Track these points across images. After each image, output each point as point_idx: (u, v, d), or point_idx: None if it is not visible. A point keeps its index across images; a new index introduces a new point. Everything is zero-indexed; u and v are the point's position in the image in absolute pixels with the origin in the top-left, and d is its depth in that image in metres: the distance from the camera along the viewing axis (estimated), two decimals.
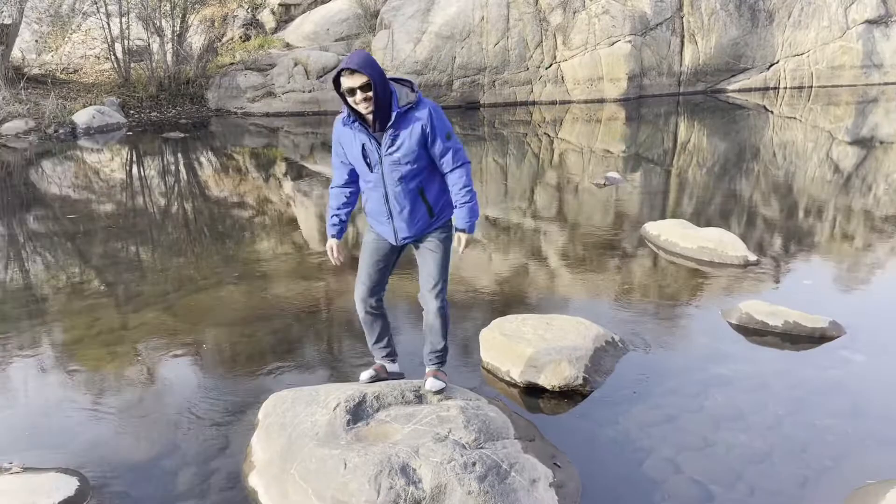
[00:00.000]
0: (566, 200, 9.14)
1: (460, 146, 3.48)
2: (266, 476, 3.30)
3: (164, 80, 16.10)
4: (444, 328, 3.72)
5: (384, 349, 3.94)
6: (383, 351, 3.94)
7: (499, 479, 3.01)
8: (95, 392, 4.40)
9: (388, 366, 3.97)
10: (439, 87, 16.78)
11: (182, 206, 9.59)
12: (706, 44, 18.17)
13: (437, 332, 3.71)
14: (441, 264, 3.60)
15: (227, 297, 5.91)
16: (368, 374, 3.88)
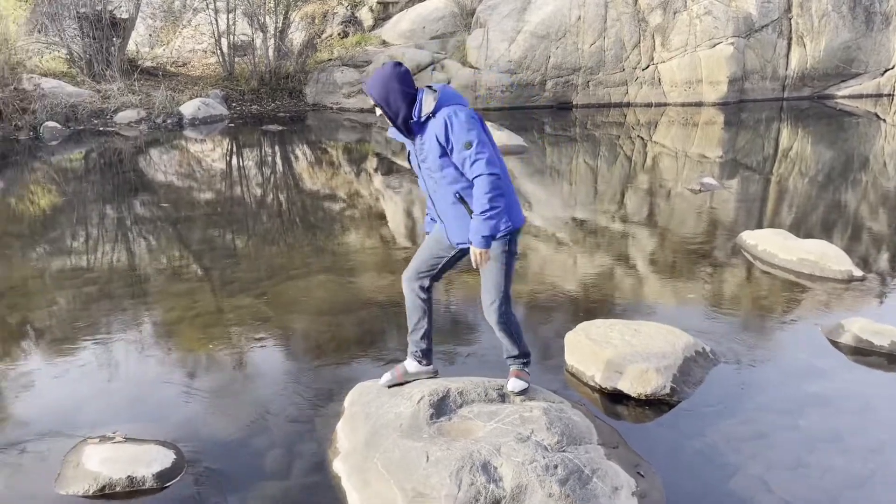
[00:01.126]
0: (658, 205, 8.92)
1: (481, 156, 3.27)
2: (349, 463, 3.37)
3: (265, 74, 16.67)
4: (513, 337, 3.69)
5: (417, 343, 3.83)
6: (416, 346, 3.84)
7: (580, 484, 2.98)
8: (191, 371, 4.62)
9: (412, 366, 3.87)
10: (532, 86, 16.67)
11: (277, 197, 9.92)
12: (815, 47, 17.32)
13: (507, 341, 3.70)
14: (494, 279, 3.52)
15: (316, 286, 6.07)
16: (386, 378, 3.87)
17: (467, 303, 5.73)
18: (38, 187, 9.99)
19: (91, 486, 3.29)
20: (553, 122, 15.48)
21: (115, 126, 13.90)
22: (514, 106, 16.57)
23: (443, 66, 16.78)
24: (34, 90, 13.43)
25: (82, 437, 3.69)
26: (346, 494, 3.27)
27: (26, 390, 4.33)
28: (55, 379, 4.48)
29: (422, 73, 16.60)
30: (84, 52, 15.33)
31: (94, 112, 14.05)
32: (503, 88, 16.43)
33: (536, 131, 14.50)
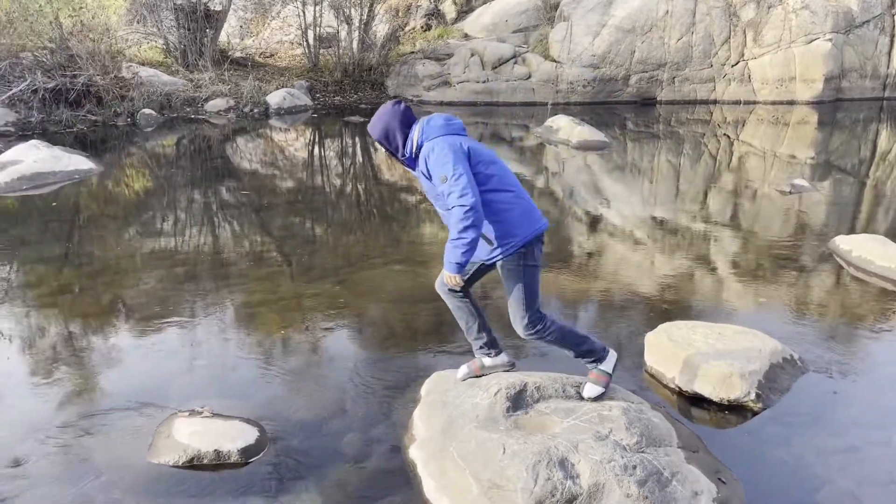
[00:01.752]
0: (743, 206, 8.63)
1: (454, 188, 3.28)
2: (425, 451, 3.41)
3: (348, 66, 16.97)
4: (565, 343, 3.63)
5: (477, 339, 3.82)
6: (477, 342, 3.83)
7: (659, 486, 2.93)
8: (273, 353, 4.76)
9: (486, 360, 3.86)
10: (615, 81, 16.38)
11: (355, 187, 10.09)
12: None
13: (562, 348, 3.65)
14: (517, 296, 3.50)
15: (393, 276, 6.15)
16: (463, 371, 3.89)
17: (546, 297, 5.69)
18: (134, 171, 10.48)
19: (181, 457, 3.45)
20: (636, 119, 15.17)
21: (205, 114, 14.43)
22: (596, 101, 16.33)
23: (524, 59, 16.68)
24: (132, 78, 14.07)
25: (173, 411, 3.86)
26: (421, 481, 3.31)
27: (121, 364, 4.56)
28: (147, 354, 4.70)
29: (503, 67, 16.56)
30: (179, 43, 15.96)
31: (187, 100, 14.62)
32: (585, 83, 16.21)
33: (618, 127, 14.25)
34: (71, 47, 13.20)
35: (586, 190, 9.39)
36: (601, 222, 7.89)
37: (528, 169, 10.85)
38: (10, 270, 6.23)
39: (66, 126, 12.72)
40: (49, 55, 13.26)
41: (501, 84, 16.37)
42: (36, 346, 4.77)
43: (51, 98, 12.91)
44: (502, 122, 14.96)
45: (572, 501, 2.86)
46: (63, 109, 12.94)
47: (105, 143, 12.20)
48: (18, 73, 12.81)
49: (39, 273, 6.12)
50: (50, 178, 9.11)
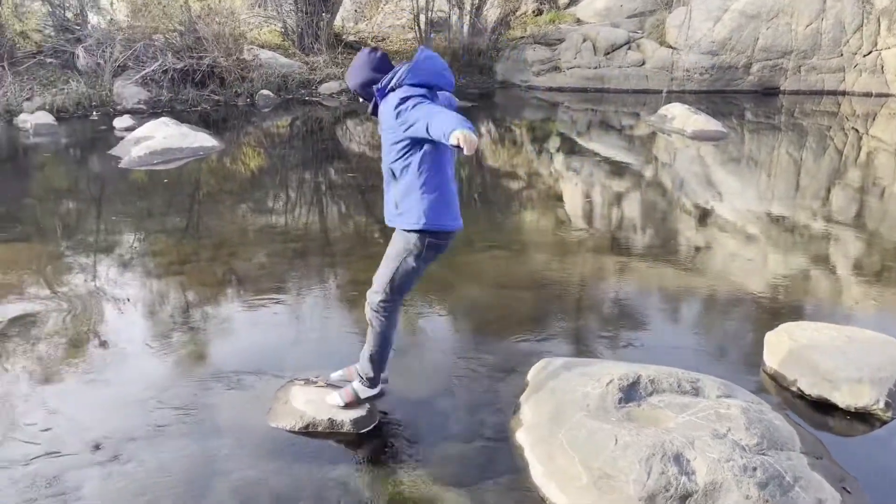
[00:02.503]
0: (870, 205, 8.09)
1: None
2: (533, 436, 3.41)
3: (458, 50, 17.01)
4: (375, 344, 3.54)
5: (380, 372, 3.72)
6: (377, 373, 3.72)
7: (781, 491, 2.81)
8: None
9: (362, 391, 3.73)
10: (735, 69, 15.67)
11: (458, 172, 10.13)
12: None
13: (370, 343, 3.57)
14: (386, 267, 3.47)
15: (497, 261, 6.15)
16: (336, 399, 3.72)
17: (641, 292, 5.57)
18: (251, 150, 10.93)
19: (297, 423, 3.59)
20: (756, 109, 14.49)
21: (318, 96, 14.86)
22: (713, 90, 15.69)
23: (639, 45, 16.22)
24: (253, 60, 14.65)
25: (289, 378, 4.03)
26: (528, 465, 3.32)
27: (238, 331, 4.80)
28: (262, 324, 4.91)
29: (615, 53, 16.16)
30: (297, 26, 16.47)
31: (302, 82, 15.08)
32: (703, 70, 15.60)
33: (736, 117, 13.65)
34: (198, 30, 13.87)
35: (698, 182, 9.06)
36: (712, 216, 7.60)
37: (638, 158, 10.56)
38: (135, 240, 6.64)
39: (191, 105, 13.41)
40: (178, 37, 13.98)
41: (613, 70, 15.99)
42: (159, 312, 5.08)
43: (179, 78, 13.62)
44: (612, 109, 14.62)
45: (686, 498, 2.79)
46: (189, 89, 13.63)
47: (226, 122, 12.78)
48: (151, 54, 13.58)
49: (163, 244, 6.50)
50: (177, 154, 9.64)
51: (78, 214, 7.55)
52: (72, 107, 12.48)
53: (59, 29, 14.05)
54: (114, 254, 6.23)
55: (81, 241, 6.56)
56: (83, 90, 12.75)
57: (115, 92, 13.07)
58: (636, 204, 8.12)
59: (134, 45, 13.50)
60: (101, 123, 11.97)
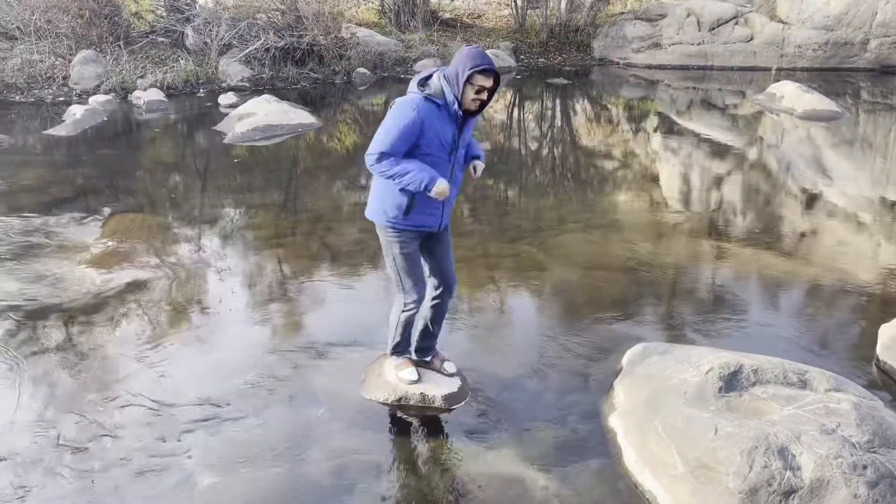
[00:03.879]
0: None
1: None
2: (627, 421, 3.35)
3: (555, 27, 16.72)
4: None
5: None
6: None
7: (892, 491, 2.65)
8: (474, 308, 4.88)
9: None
10: (851, 45, 14.70)
11: (552, 151, 9.98)
12: None
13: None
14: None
15: (590, 242, 6.04)
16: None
17: (742, 278, 5.33)
18: (347, 128, 11.13)
19: (391, 395, 3.66)
20: (872, 88, 13.56)
21: (414, 74, 14.92)
22: (827, 67, 14.80)
23: (746, 20, 15.45)
24: (350, 38, 14.88)
25: (382, 351, 4.10)
26: (621, 450, 3.26)
27: (333, 304, 4.91)
28: (356, 298, 5.02)
29: (721, 28, 15.47)
30: (393, 4, 16.58)
31: (398, 60, 15.21)
32: (816, 47, 14.72)
33: (851, 97, 12.83)
34: (299, 9, 14.18)
35: (807, 164, 8.59)
36: (821, 200, 7.19)
37: (741, 139, 10.09)
38: (237, 214, 6.89)
39: (291, 83, 13.76)
40: (280, 16, 14.34)
41: (718, 46, 15.31)
42: (258, 283, 5.26)
43: (280, 56, 14.00)
44: (716, 87, 14.03)
45: (791, 494, 2.67)
46: (289, 67, 13.99)
47: (324, 99, 13.05)
48: (254, 34, 14.00)
49: (262, 217, 6.72)
50: (278, 131, 9.93)
51: (185, 187, 7.91)
52: (180, 84, 13.05)
53: (169, 9, 14.68)
54: (217, 226, 6.49)
55: (188, 213, 6.87)
56: (191, 68, 13.30)
57: (221, 70, 13.57)
58: (738, 187, 7.78)
59: (238, 24, 13.95)
60: (207, 100, 12.47)
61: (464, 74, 3.22)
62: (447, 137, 3.36)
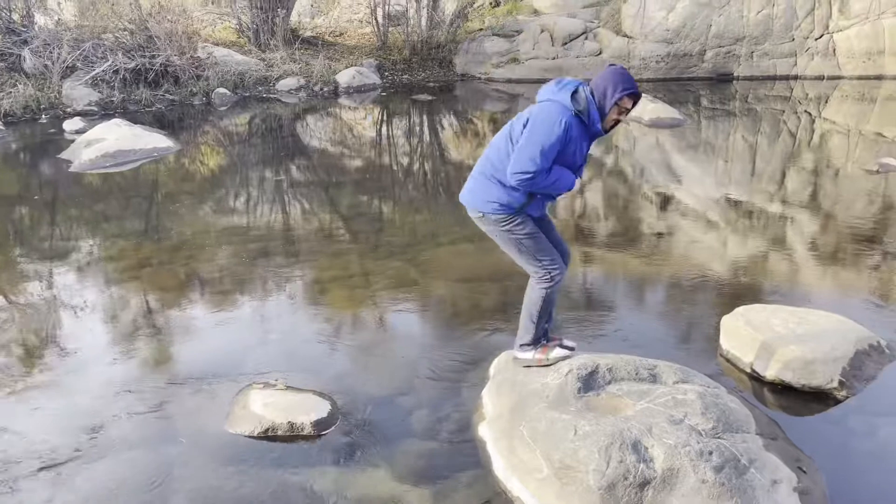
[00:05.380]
0: (825, 186, 8.25)
1: None
2: (495, 429, 3.41)
3: (417, 44, 16.94)
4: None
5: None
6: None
7: (736, 473, 2.85)
8: (344, 328, 4.83)
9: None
10: (690, 56, 15.85)
11: (423, 166, 10.10)
12: None
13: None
14: None
15: (462, 255, 6.14)
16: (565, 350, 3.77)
17: (606, 279, 5.61)
18: (209, 149, 10.76)
19: (256, 428, 3.55)
20: (711, 95, 14.67)
21: (276, 93, 14.67)
22: (670, 77, 15.85)
23: (595, 35, 16.31)
24: (207, 58, 14.42)
25: (248, 382, 3.97)
26: (490, 459, 3.32)
27: (197, 336, 4.71)
28: (222, 327, 4.84)
29: (573, 43, 16.24)
30: (252, 23, 16.23)
31: (259, 80, 14.89)
32: (658, 59, 15.75)
33: (692, 104, 13.81)
34: (150, 28, 13.59)
35: (657, 169, 9.15)
36: (672, 202, 7.68)
37: (598, 147, 10.63)
38: (93, 245, 6.49)
39: (145, 105, 13.15)
40: (129, 36, 13.69)
41: (572, 60, 16.07)
42: (118, 318, 4.97)
43: (131, 78, 13.34)
44: None
45: (645, 485, 2.82)
46: (142, 89, 13.36)
47: (182, 121, 12.56)
48: (101, 54, 13.27)
49: (120, 247, 6.36)
50: (132, 156, 9.44)
51: (31, 221, 7.35)
52: (19, 110, 12.16)
53: (4, 31, 13.65)
54: (69, 260, 6.08)
55: (35, 247, 6.40)
56: (31, 93, 12.43)
57: (65, 94, 12.76)
58: (598, 193, 8.17)
59: (82, 45, 13.17)
60: (51, 126, 11.67)
61: (615, 96, 3.22)
62: (582, 153, 3.39)
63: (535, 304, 3.59)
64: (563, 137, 3.23)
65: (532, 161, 3.22)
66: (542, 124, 3.24)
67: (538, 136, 3.22)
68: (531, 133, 3.24)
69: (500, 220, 3.43)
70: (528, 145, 3.23)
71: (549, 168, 3.26)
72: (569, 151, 3.30)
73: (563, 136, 3.22)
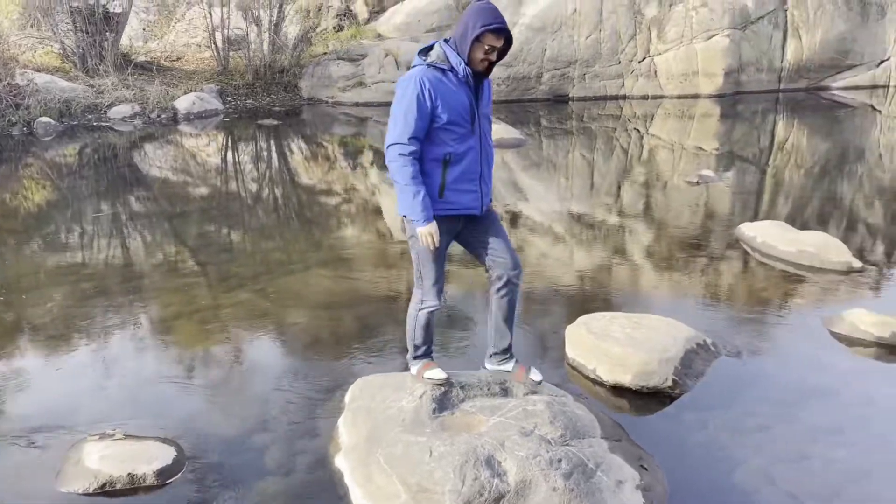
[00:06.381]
0: (654, 198, 8.90)
1: None
2: (352, 459, 3.35)
3: (259, 68, 16.57)
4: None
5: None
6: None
7: (584, 478, 2.97)
8: (191, 367, 4.59)
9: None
10: (528, 79, 16.62)
11: (273, 192, 9.87)
12: (811, 39, 17.29)
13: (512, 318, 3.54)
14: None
15: (315, 281, 6.04)
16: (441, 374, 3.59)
17: (465, 297, 5.72)
18: (33, 183, 9.93)
19: (92, 484, 3.27)
20: (549, 115, 15.44)
21: (109, 121, 13.81)
22: (511, 99, 16.52)
23: None
24: (27, 85, 13.33)
25: (82, 435, 3.66)
26: (348, 490, 3.25)
27: (25, 387, 4.30)
28: (54, 376, 4.45)
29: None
30: (77, 47, 15.22)
31: (88, 107, 13.96)
32: (500, 81, 16.39)
33: (533, 124, 14.47)
34: None
35: (504, 187, 9.48)
36: (520, 218, 7.98)
37: None
38: None
39: None
40: None
41: None
42: None
43: None
44: None
45: (500, 500, 2.87)
46: None
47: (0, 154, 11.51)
48: None
49: None
50: None
51: None
52: None
53: None
54: None
55: None
56: None
57: None
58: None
59: None
60: None
61: (474, 32, 2.96)
62: (464, 103, 3.08)
63: (411, 320, 3.48)
64: (418, 97, 2.99)
65: (393, 134, 3.04)
66: (398, 95, 3.06)
67: (394, 108, 3.06)
68: (392, 107, 3.08)
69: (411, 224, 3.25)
70: (390, 119, 3.07)
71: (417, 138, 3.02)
72: (442, 107, 3.03)
73: (418, 95, 2.99)
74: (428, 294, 3.35)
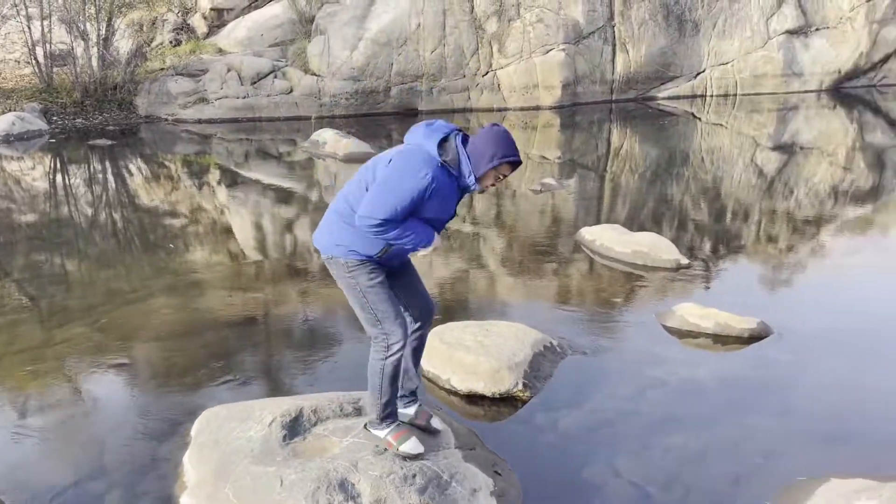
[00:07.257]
0: (503, 206, 9.20)
1: None
2: (199, 496, 3.18)
3: (89, 85, 15.51)
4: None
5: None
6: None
7: (439, 491, 2.98)
8: (16, 413, 4.19)
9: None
10: (377, 93, 16.69)
11: (110, 216, 9.26)
12: (636, 52, 18.61)
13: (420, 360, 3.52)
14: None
15: (157, 310, 5.71)
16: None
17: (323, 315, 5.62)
18: None
19: None
20: (400, 129, 15.55)
21: None
22: (360, 113, 16.52)
23: (284, 73, 16.40)
24: None
25: None
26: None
27: None
28: None
29: (263, 82, 16.16)
30: None
31: None
32: (348, 96, 16.34)
33: (384, 138, 14.53)
34: None
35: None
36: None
37: (300, 184, 10.69)
38: None
39: None
40: None
41: (262, 99, 15.96)
42: None
43: None
44: (268, 137, 14.59)
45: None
46: None
47: None
48: None
49: None
50: None
51: None
52: None
53: None
54: None
55: None
56: None
57: None
58: (306, 229, 8.15)
59: None
60: None
61: (495, 160, 2.93)
62: (450, 211, 3.08)
63: (375, 376, 3.16)
64: (423, 190, 2.89)
65: (384, 208, 2.88)
66: (403, 171, 2.91)
67: (396, 182, 2.89)
68: (389, 177, 2.91)
69: (349, 265, 3.05)
70: (384, 190, 2.89)
71: (401, 220, 2.93)
72: (432, 205, 2.97)
73: (424, 189, 2.89)
74: (393, 334, 3.09)
